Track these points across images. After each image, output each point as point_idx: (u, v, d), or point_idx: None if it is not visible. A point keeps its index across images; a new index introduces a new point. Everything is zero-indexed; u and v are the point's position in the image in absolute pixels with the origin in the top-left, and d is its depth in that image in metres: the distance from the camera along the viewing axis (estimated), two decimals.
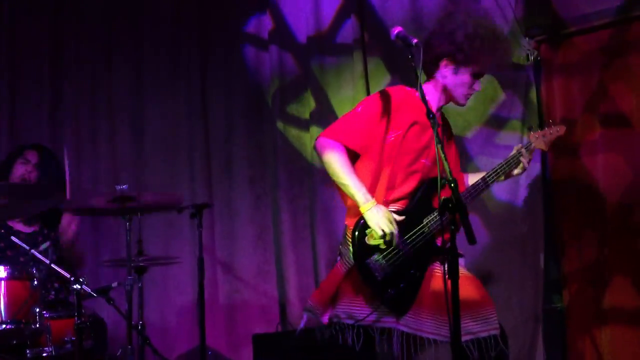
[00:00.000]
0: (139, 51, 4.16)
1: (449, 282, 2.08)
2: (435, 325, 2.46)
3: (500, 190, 3.61)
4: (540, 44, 3.67)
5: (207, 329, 3.17)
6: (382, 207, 2.45)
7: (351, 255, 2.46)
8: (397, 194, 2.53)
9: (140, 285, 3.03)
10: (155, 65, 4.15)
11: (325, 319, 2.55)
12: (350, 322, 2.47)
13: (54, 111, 4.00)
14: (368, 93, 3.84)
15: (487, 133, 3.71)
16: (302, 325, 2.64)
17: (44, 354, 2.72)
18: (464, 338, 2.38)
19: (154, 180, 4.05)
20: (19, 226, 3.26)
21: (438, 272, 2.52)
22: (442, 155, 2.14)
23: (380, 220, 2.42)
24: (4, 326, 2.49)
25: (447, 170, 2.13)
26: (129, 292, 2.82)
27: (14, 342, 2.66)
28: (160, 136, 4.10)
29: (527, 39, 3.67)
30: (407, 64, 2.29)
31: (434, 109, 2.55)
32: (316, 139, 2.61)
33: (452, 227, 2.07)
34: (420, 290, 2.48)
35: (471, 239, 2.03)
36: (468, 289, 2.42)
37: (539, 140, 2.68)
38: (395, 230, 2.43)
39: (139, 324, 2.99)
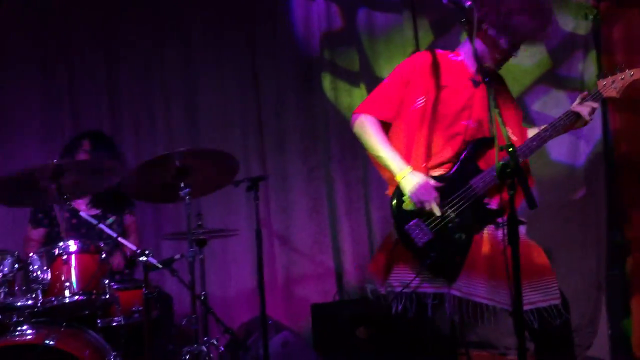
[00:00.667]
0: (187, 23, 4.16)
1: (508, 249, 2.06)
2: (489, 290, 2.42)
3: (558, 152, 3.52)
4: (600, 1, 3.50)
5: (266, 300, 3.24)
6: (418, 174, 2.43)
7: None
8: (438, 159, 2.49)
9: (201, 257, 3.11)
10: (204, 37, 4.14)
11: (382, 290, 2.58)
12: (400, 289, 2.47)
13: (113, 94, 4.09)
14: None
15: (544, 92, 3.60)
16: (370, 296, 2.66)
17: (114, 323, 2.84)
18: (523, 308, 2.36)
19: None
20: (81, 207, 3.39)
21: (491, 236, 2.48)
22: (500, 120, 2.10)
23: (414, 188, 2.40)
24: (76, 297, 2.59)
25: (505, 135, 2.09)
26: (191, 264, 2.90)
27: (86, 312, 2.77)
28: (213, 111, 4.14)
29: None
30: (453, 27, 2.23)
31: (473, 68, 2.50)
32: (351, 117, 2.62)
33: (512, 193, 2.04)
34: (471, 254, 2.44)
35: (532, 204, 2.00)
36: (528, 256, 2.37)
37: (608, 87, 2.47)
38: (431, 198, 2.40)
39: (201, 294, 3.07)
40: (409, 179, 2.41)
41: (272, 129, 4.14)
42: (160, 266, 2.51)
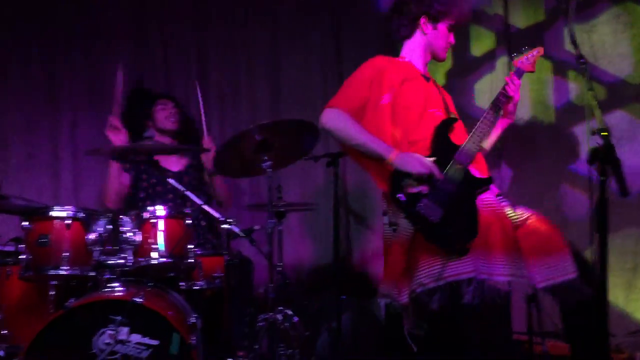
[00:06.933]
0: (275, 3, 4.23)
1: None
2: (509, 267, 2.31)
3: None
4: None
5: (339, 277, 3.25)
6: (409, 152, 2.45)
7: (403, 213, 2.41)
8: (417, 146, 2.50)
9: (280, 228, 3.18)
10: (290, 14, 4.20)
11: (404, 299, 2.42)
12: (434, 284, 2.34)
13: (202, 63, 4.22)
14: None
15: None
16: (383, 314, 2.57)
17: (196, 287, 2.95)
18: (540, 285, 2.31)
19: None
20: (168, 163, 3.47)
21: (496, 210, 2.43)
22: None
23: (413, 161, 2.41)
24: (163, 259, 2.72)
25: (599, 118, 2.02)
26: (270, 235, 2.97)
27: (171, 274, 2.91)
28: (296, 88, 4.20)
29: None
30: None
31: (420, 67, 2.67)
32: (322, 114, 2.56)
33: (602, 179, 1.98)
34: (482, 233, 2.35)
35: (624, 191, 1.93)
36: (541, 232, 2.36)
37: (524, 63, 2.71)
38: (430, 165, 2.41)
39: (279, 264, 3.15)
40: (403, 157, 2.42)
41: None
42: (241, 235, 2.59)
